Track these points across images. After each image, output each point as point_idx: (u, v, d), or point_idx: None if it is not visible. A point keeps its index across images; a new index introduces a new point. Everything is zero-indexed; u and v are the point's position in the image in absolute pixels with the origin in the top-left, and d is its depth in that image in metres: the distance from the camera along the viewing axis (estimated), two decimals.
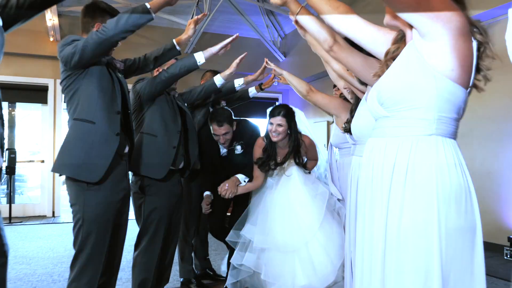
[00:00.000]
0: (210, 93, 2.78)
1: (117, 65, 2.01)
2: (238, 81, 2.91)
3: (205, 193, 2.78)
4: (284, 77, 2.59)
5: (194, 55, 2.30)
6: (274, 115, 2.51)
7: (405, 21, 1.12)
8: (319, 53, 1.85)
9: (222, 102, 3.09)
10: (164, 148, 2.31)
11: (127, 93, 2.03)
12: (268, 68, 2.72)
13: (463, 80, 1.05)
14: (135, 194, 2.33)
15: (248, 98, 3.20)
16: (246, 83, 2.93)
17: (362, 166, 1.23)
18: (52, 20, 5.72)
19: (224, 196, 2.53)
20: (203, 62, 2.30)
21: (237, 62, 2.62)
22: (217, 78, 2.67)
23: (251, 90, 3.13)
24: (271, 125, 2.51)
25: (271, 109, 2.58)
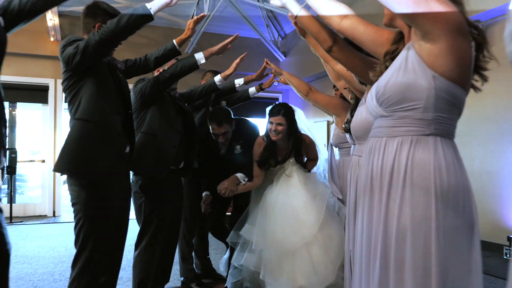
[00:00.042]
0: (211, 93, 2.79)
1: (118, 65, 2.02)
2: (238, 81, 2.92)
3: (204, 193, 2.78)
4: (284, 78, 2.61)
5: (195, 55, 2.31)
6: (274, 114, 2.50)
7: (404, 22, 1.13)
8: (319, 54, 1.86)
9: (223, 102, 3.10)
10: (165, 148, 2.32)
11: (128, 93, 2.04)
12: (268, 68, 2.74)
13: (462, 81, 1.06)
14: (136, 194, 2.34)
15: (248, 98, 3.21)
16: (246, 83, 2.95)
17: (361, 166, 1.25)
18: (53, 20, 5.73)
19: (224, 195, 2.52)
20: (204, 62, 2.32)
21: (237, 62, 2.64)
22: (218, 78, 2.68)
23: (251, 90, 3.14)
24: (271, 124, 2.50)
25: (271, 108, 2.56)
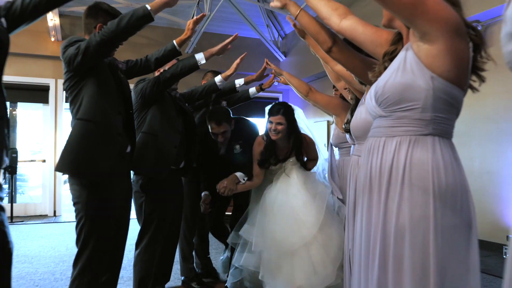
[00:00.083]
0: (211, 93, 2.80)
1: (119, 66, 2.04)
2: (239, 81, 2.94)
3: (203, 193, 2.77)
4: (284, 78, 2.62)
5: (195, 56, 2.32)
6: (273, 114, 2.48)
7: (402, 23, 1.14)
8: (319, 54, 1.87)
9: (223, 102, 3.11)
10: (165, 148, 2.33)
11: (129, 94, 2.05)
12: (269, 69, 2.75)
13: (460, 81, 1.07)
14: (136, 193, 2.35)
15: (249, 98, 3.22)
16: (247, 83, 2.96)
17: (360, 165, 1.26)
18: (53, 20, 5.74)
19: (223, 194, 2.51)
20: (204, 63, 2.33)
21: (238, 63, 2.65)
22: (218, 79, 2.69)
23: (252, 90, 3.15)
24: (271, 124, 2.48)
25: (270, 108, 2.55)
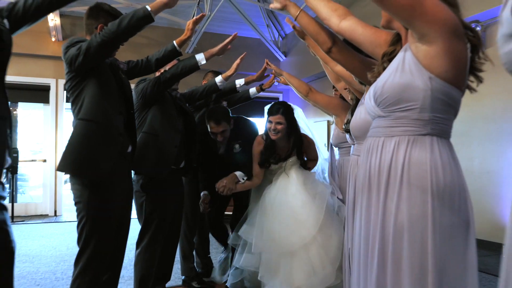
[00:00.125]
0: (212, 93, 2.81)
1: (121, 66, 2.05)
2: (239, 82, 2.94)
3: (202, 193, 2.77)
4: (284, 78, 2.63)
5: (195, 56, 2.33)
6: (273, 113, 2.48)
7: (401, 24, 1.15)
8: (319, 55, 1.88)
9: (223, 103, 3.12)
10: (166, 148, 2.34)
11: (130, 94, 2.07)
12: (269, 69, 2.76)
13: (457, 82, 1.08)
14: (137, 193, 2.36)
15: (249, 98, 3.22)
16: (247, 84, 2.97)
17: (360, 165, 1.27)
18: (54, 20, 5.75)
19: (222, 193, 2.51)
20: (204, 63, 2.34)
21: (238, 63, 2.67)
22: (219, 79, 2.70)
23: (252, 91, 3.15)
24: (270, 123, 2.48)
25: (270, 107, 2.54)
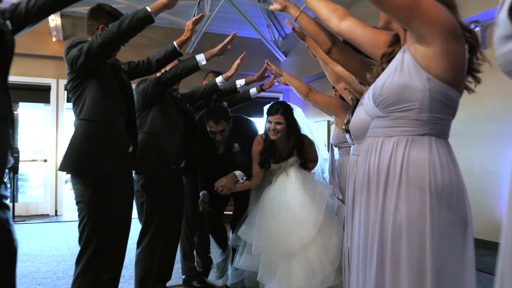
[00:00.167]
0: (212, 94, 2.82)
1: (122, 67, 2.06)
2: (240, 82, 2.96)
3: (202, 192, 2.76)
4: (284, 78, 2.64)
5: (196, 57, 2.34)
6: (272, 113, 2.47)
7: (399, 25, 1.17)
8: (319, 56, 1.89)
9: (224, 103, 3.13)
10: (166, 148, 2.35)
11: (132, 94, 2.08)
12: (269, 69, 2.77)
13: (456, 82, 1.09)
14: (138, 193, 2.36)
15: (250, 99, 3.23)
16: (248, 84, 2.98)
17: (359, 164, 1.28)
18: (55, 21, 5.76)
19: (221, 192, 2.50)
20: (205, 63, 2.35)
21: (238, 63, 2.68)
22: (219, 79, 2.71)
23: (252, 91, 3.16)
24: (270, 123, 2.47)
25: (269, 107, 2.53)
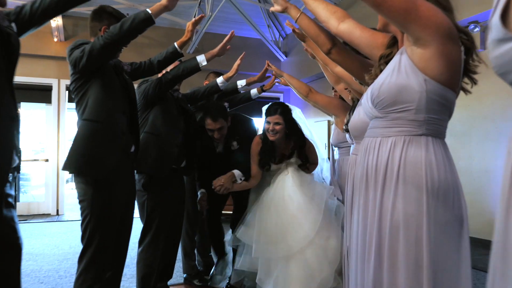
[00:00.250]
0: (213, 94, 2.84)
1: (125, 68, 2.09)
2: (241, 82, 2.98)
3: (200, 191, 2.75)
4: (284, 79, 2.66)
5: (196, 58, 2.36)
6: (271, 114, 2.46)
7: (397, 28, 1.19)
8: (319, 57, 1.91)
9: (225, 103, 3.15)
10: (167, 147, 2.37)
11: (134, 95, 2.10)
12: (270, 70, 2.79)
13: (452, 84, 1.11)
14: (139, 192, 2.37)
15: (250, 99, 3.24)
16: (248, 85, 3.00)
17: (357, 164, 1.30)
18: (56, 21, 5.78)
19: (218, 192, 2.48)
20: (205, 64, 2.37)
21: (238, 64, 2.70)
22: (220, 80, 2.73)
23: (253, 92, 3.17)
24: (268, 124, 2.46)
25: (267, 108, 2.53)
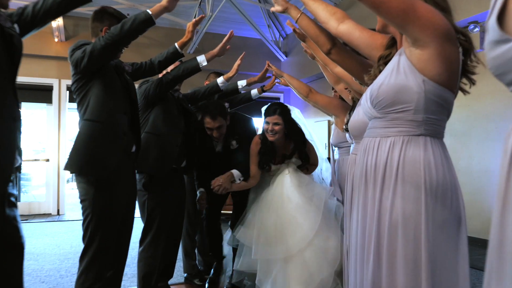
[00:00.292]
0: (213, 94, 2.85)
1: (126, 68, 2.10)
2: (241, 83, 2.99)
3: (199, 191, 2.75)
4: (285, 79, 2.67)
5: (197, 58, 2.38)
6: (270, 114, 2.47)
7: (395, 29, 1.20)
8: (319, 57, 1.93)
9: (226, 104, 3.16)
10: (167, 147, 2.38)
11: (135, 95, 2.11)
12: (270, 70, 2.80)
13: (450, 84, 1.12)
14: (139, 192, 2.38)
15: (251, 100, 3.25)
16: (249, 85, 3.01)
17: (357, 163, 1.31)
18: (57, 21, 5.79)
19: (217, 192, 2.48)
20: (205, 65, 2.39)
21: (238, 64, 2.71)
22: (220, 80, 2.74)
23: (253, 92, 3.18)
24: (267, 124, 2.46)
25: (266, 108, 2.54)
